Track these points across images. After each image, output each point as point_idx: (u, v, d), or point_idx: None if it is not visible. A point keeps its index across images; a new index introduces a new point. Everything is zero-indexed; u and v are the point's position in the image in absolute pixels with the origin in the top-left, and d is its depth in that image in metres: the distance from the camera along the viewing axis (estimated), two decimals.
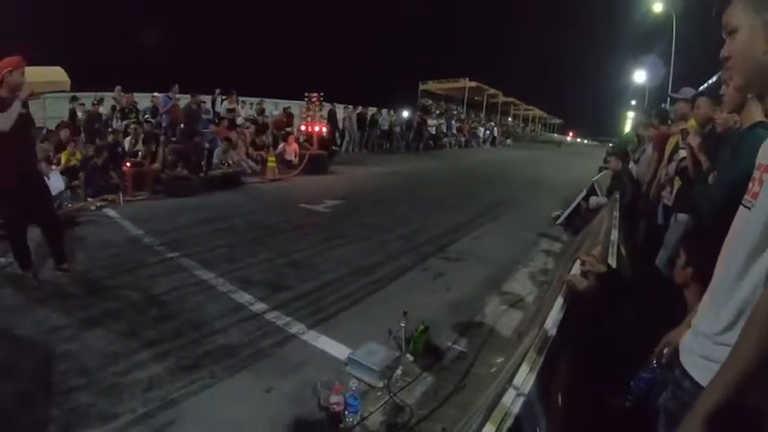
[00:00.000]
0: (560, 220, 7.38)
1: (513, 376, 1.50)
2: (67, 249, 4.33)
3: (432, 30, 60.52)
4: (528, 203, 9.35)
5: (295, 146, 12.11)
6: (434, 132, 23.72)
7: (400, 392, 2.67)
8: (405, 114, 22.25)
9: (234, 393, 2.60)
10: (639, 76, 26.54)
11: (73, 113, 10.73)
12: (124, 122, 10.47)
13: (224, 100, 13.54)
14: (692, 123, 3.65)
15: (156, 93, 12.05)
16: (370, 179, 11.50)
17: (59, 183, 6.49)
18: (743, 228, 1.00)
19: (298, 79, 20.35)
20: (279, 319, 3.51)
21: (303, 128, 13.27)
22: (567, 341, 1.78)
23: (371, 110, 19.21)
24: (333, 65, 37.36)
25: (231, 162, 9.79)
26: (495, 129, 33.21)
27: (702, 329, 1.06)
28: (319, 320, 3.53)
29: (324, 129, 13.12)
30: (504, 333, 3.55)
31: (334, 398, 2.38)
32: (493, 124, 34.84)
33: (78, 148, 8.12)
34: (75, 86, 6.95)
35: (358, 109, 18.31)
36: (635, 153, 6.30)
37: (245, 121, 12.94)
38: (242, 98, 14.44)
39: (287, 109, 14.82)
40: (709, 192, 2.11)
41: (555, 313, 1.92)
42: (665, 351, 1.31)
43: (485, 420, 1.31)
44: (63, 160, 7.67)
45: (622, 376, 1.76)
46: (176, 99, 11.03)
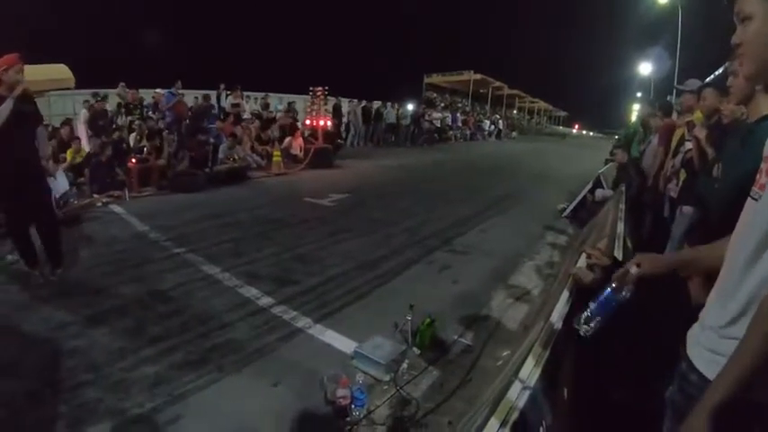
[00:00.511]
0: (566, 213, 7.36)
1: (519, 369, 1.50)
2: (63, 254, 4.20)
3: (434, 25, 60.27)
4: (533, 196, 9.31)
5: (300, 140, 12.10)
6: (439, 125, 23.57)
7: (406, 386, 2.68)
8: (410, 107, 22.16)
9: (241, 388, 2.62)
10: (645, 68, 26.11)
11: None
12: (128, 118, 10.48)
13: (228, 95, 13.50)
14: (698, 115, 3.62)
15: (159, 89, 11.95)
16: (375, 173, 11.48)
17: (65, 183, 6.52)
18: (751, 219, 0.99)
19: (302, 73, 20.26)
20: (285, 314, 3.53)
21: (308, 122, 13.24)
22: (573, 334, 1.78)
23: (376, 103, 19.12)
24: (337, 59, 37.22)
25: (237, 157, 9.80)
26: (500, 121, 32.95)
27: (709, 322, 1.06)
28: (326, 314, 3.55)
29: (329, 123, 13.11)
30: (510, 326, 3.55)
31: (340, 391, 2.40)
32: (498, 117, 34.58)
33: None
34: (77, 86, 7.00)
35: (363, 103, 18.23)
36: (641, 144, 6.25)
37: (250, 116, 12.92)
38: (246, 93, 14.40)
39: (291, 104, 14.77)
40: (715, 185, 2.08)
41: (561, 306, 1.92)
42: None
43: (491, 413, 1.31)
44: (68, 158, 7.72)
45: (627, 369, 1.76)
46: (181, 95, 11.00)
